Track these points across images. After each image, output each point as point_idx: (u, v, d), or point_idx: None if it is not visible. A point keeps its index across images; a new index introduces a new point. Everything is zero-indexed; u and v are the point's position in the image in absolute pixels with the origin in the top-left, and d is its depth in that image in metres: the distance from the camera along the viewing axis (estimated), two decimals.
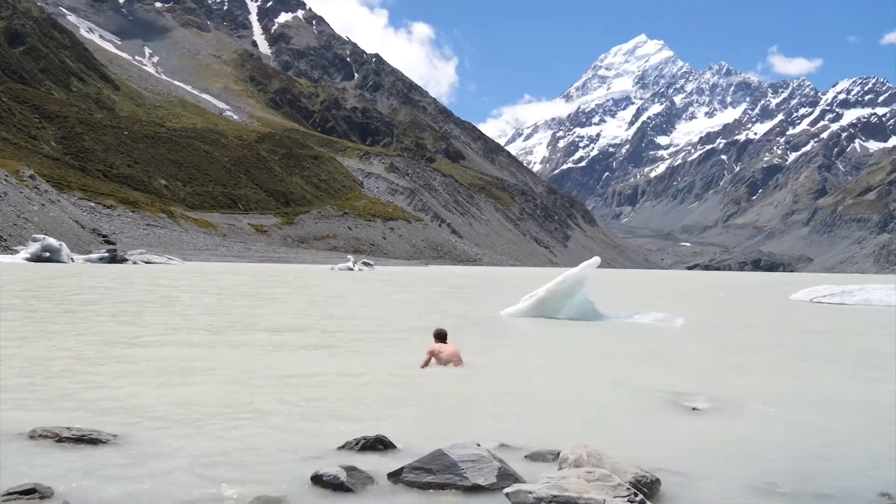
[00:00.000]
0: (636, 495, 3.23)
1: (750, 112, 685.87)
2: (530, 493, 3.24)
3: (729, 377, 7.36)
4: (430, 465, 3.72)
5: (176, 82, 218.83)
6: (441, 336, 7.67)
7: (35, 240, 47.58)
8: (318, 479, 3.62)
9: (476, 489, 3.61)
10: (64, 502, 3.28)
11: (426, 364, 7.38)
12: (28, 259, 45.25)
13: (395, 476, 3.72)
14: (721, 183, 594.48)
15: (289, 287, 25.46)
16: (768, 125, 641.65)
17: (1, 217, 60.52)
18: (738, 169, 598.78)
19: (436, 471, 3.69)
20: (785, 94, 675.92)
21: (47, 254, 46.22)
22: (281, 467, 3.90)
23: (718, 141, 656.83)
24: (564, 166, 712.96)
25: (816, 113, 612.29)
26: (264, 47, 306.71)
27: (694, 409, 5.62)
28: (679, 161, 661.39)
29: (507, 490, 3.36)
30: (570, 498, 3.17)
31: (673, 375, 7.35)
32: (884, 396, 6.51)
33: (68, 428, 4.35)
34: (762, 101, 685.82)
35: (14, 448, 4.11)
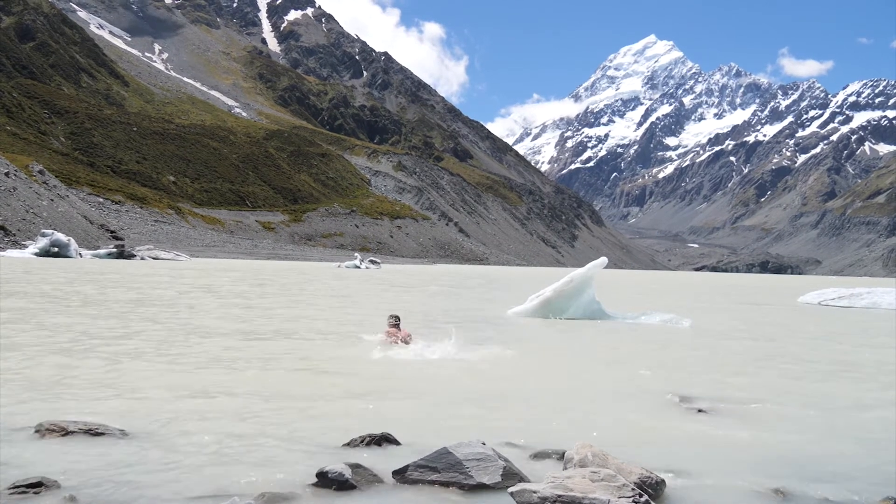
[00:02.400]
0: (641, 496, 3.23)
1: (759, 114, 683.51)
2: (535, 492, 3.24)
3: (735, 379, 7.33)
4: (435, 464, 3.72)
5: (185, 79, 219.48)
6: (395, 320, 8.70)
7: (44, 235, 47.77)
8: (323, 476, 3.63)
9: (481, 488, 3.61)
10: (70, 496, 3.29)
11: (386, 341, 8.46)
12: (37, 254, 45.45)
13: (400, 474, 3.72)
14: (729, 184, 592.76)
15: (295, 284, 25.51)
16: (777, 127, 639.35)
17: (10, 212, 60.81)
18: (746, 170, 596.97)
19: (441, 469, 3.69)
20: (795, 96, 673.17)
21: (56, 249, 46.42)
22: (286, 464, 3.90)
23: (727, 142, 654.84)
24: (572, 166, 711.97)
25: (826, 115, 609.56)
26: (273, 45, 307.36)
27: (699, 410, 5.61)
28: (687, 162, 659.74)
29: (511, 489, 3.36)
30: (574, 498, 3.17)
31: (679, 377, 7.33)
32: (891, 401, 6.48)
33: (75, 422, 4.37)
34: (772, 103, 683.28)
35: (20, 442, 4.13)
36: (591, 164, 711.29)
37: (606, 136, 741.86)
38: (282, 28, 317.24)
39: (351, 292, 21.86)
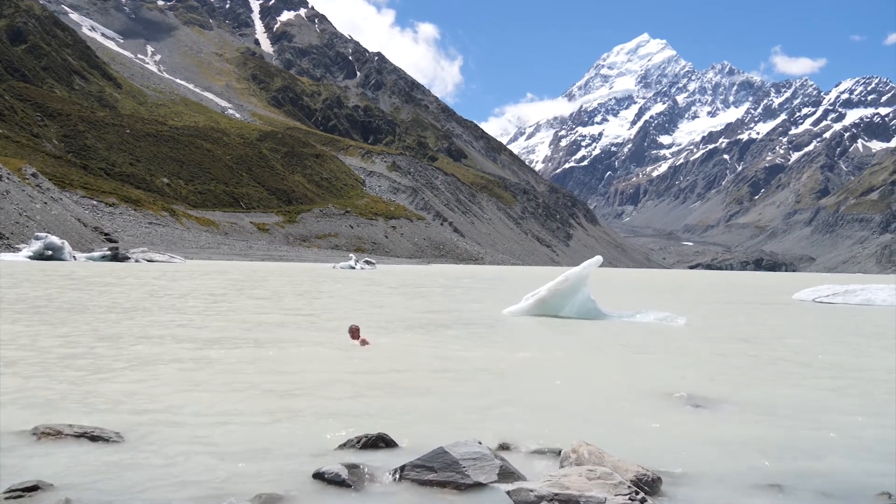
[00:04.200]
0: (637, 493, 3.23)
1: (752, 111, 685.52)
2: (531, 491, 3.24)
3: (731, 376, 7.35)
4: (432, 463, 3.72)
5: (178, 80, 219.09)
6: (355, 332, 8.86)
7: (37, 238, 47.67)
8: (320, 477, 3.63)
9: (477, 487, 3.61)
10: (66, 499, 3.28)
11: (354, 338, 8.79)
12: (30, 257, 45.36)
13: (396, 474, 3.73)
14: (723, 182, 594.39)
15: (291, 285, 25.49)
16: (771, 125, 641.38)
17: (3, 215, 60.61)
18: (740, 168, 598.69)
19: (437, 468, 3.69)
20: (788, 94, 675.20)
21: (49, 252, 46.32)
22: (282, 465, 3.90)
23: (721, 140, 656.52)
24: (567, 165, 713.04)
25: (819, 113, 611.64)
26: (266, 45, 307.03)
27: (696, 407, 5.62)
28: (681, 160, 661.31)
29: (508, 488, 3.36)
30: (571, 496, 3.17)
31: (675, 374, 7.35)
32: (885, 397, 6.51)
33: (71, 425, 4.36)
34: (765, 101, 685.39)
35: (17, 445, 4.12)
36: (586, 162, 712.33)
37: (600, 134, 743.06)
38: (275, 29, 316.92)
39: (346, 293, 21.85)
